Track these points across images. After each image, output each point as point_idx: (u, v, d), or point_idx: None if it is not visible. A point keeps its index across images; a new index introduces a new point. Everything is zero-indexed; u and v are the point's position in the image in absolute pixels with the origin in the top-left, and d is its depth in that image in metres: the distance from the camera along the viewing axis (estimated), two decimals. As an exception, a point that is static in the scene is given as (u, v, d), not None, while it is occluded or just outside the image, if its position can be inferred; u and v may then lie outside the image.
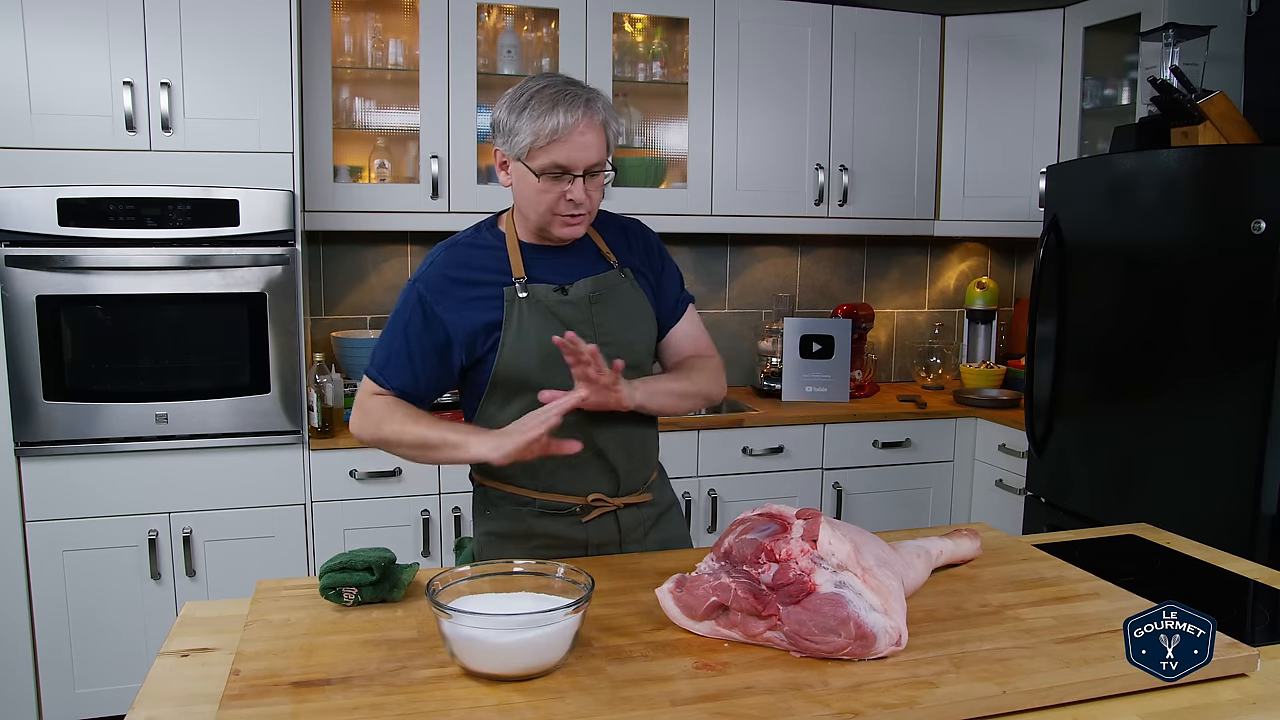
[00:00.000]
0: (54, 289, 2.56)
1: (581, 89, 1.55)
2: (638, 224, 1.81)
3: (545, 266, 1.64)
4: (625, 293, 1.69)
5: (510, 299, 1.60)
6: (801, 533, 1.28)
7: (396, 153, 3.23)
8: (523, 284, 1.61)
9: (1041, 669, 1.17)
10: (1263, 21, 2.92)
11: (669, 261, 1.80)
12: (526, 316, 1.60)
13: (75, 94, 2.55)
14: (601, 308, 1.65)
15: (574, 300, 1.63)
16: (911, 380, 3.99)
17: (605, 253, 1.71)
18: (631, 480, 1.70)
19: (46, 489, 2.62)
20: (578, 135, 1.52)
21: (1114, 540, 1.85)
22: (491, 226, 1.70)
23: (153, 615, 2.72)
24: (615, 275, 1.69)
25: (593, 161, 1.55)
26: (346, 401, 3.02)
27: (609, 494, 1.68)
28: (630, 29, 3.39)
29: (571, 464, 1.62)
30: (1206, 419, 2.41)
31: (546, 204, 1.56)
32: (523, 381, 1.60)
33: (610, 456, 1.65)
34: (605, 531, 1.69)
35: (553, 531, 1.68)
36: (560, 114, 1.51)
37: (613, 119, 1.58)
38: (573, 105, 1.52)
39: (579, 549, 1.68)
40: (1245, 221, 2.28)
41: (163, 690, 1.18)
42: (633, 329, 1.68)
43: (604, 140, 1.56)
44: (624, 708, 1.07)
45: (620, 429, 1.65)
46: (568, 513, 1.67)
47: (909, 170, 3.58)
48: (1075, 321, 2.83)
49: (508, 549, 1.69)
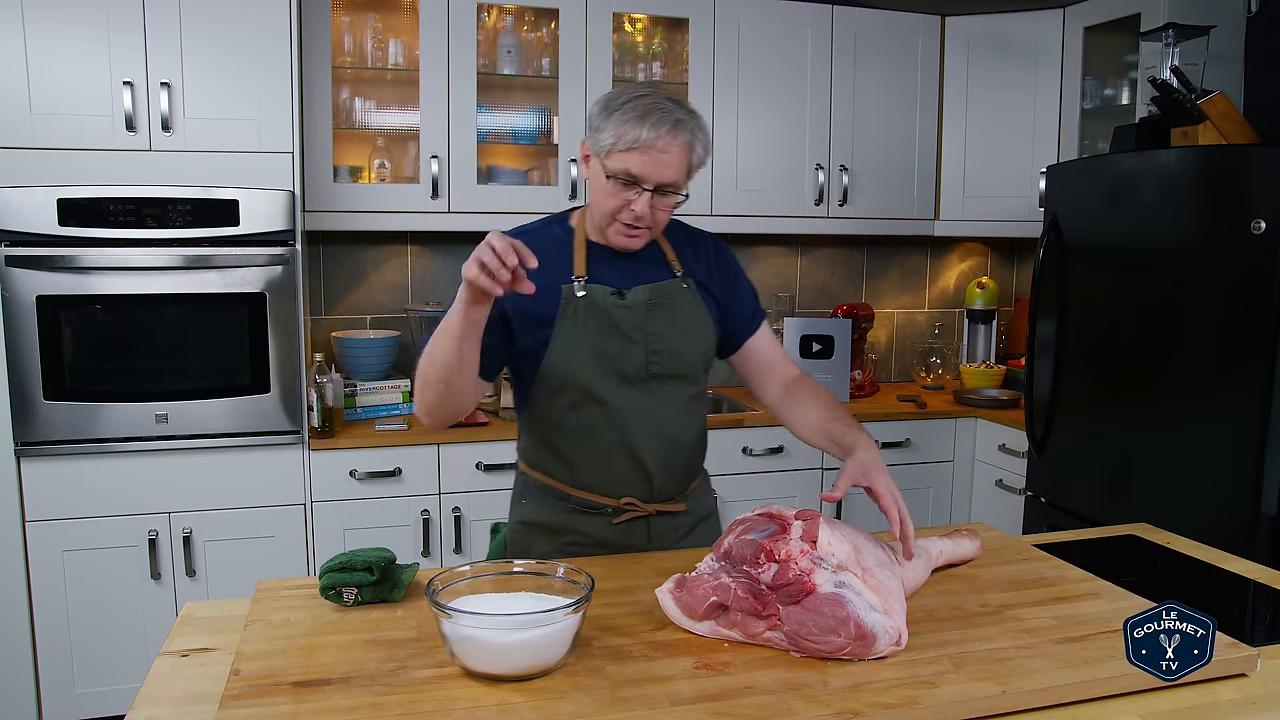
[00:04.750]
0: (54, 289, 2.56)
1: (679, 109, 1.52)
2: (710, 237, 1.78)
3: (607, 268, 1.63)
4: (684, 303, 1.66)
5: (567, 297, 1.59)
6: (801, 533, 1.28)
7: (396, 153, 3.23)
8: (581, 283, 1.60)
9: (1041, 669, 1.17)
10: (1263, 21, 2.92)
11: (742, 275, 1.77)
12: (581, 317, 1.59)
13: (75, 94, 2.55)
14: (657, 315, 1.63)
15: (630, 305, 1.61)
16: (911, 380, 3.99)
17: (671, 260, 1.69)
18: (667, 488, 1.69)
19: (46, 489, 2.62)
20: (657, 151, 1.49)
21: (1114, 540, 1.85)
22: (562, 221, 1.69)
23: (153, 615, 2.72)
24: (676, 284, 1.66)
25: (666, 180, 1.52)
26: (347, 401, 3.03)
27: (642, 499, 1.67)
28: (630, 29, 3.39)
29: (607, 466, 1.63)
30: (1206, 419, 2.41)
31: (610, 208, 1.56)
32: (571, 379, 1.60)
33: (647, 463, 1.64)
34: (635, 535, 1.69)
35: (583, 529, 1.68)
36: (646, 126, 1.49)
37: (700, 145, 1.55)
38: (661, 120, 1.49)
39: (607, 549, 1.68)
40: (1245, 221, 2.28)
41: (163, 690, 1.18)
42: (687, 340, 1.65)
43: (684, 163, 1.53)
44: (624, 708, 1.07)
45: (662, 438, 1.65)
46: (599, 512, 1.67)
47: (909, 170, 3.58)
48: (1075, 321, 2.83)
49: (538, 541, 1.70)
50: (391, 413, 3.09)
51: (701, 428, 1.75)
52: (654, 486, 1.67)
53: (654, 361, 1.62)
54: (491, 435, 2.93)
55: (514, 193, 3.19)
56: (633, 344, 1.61)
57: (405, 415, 3.09)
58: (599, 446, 1.63)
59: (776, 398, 1.74)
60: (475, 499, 2.91)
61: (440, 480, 2.91)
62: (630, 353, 1.61)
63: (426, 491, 2.90)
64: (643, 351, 1.61)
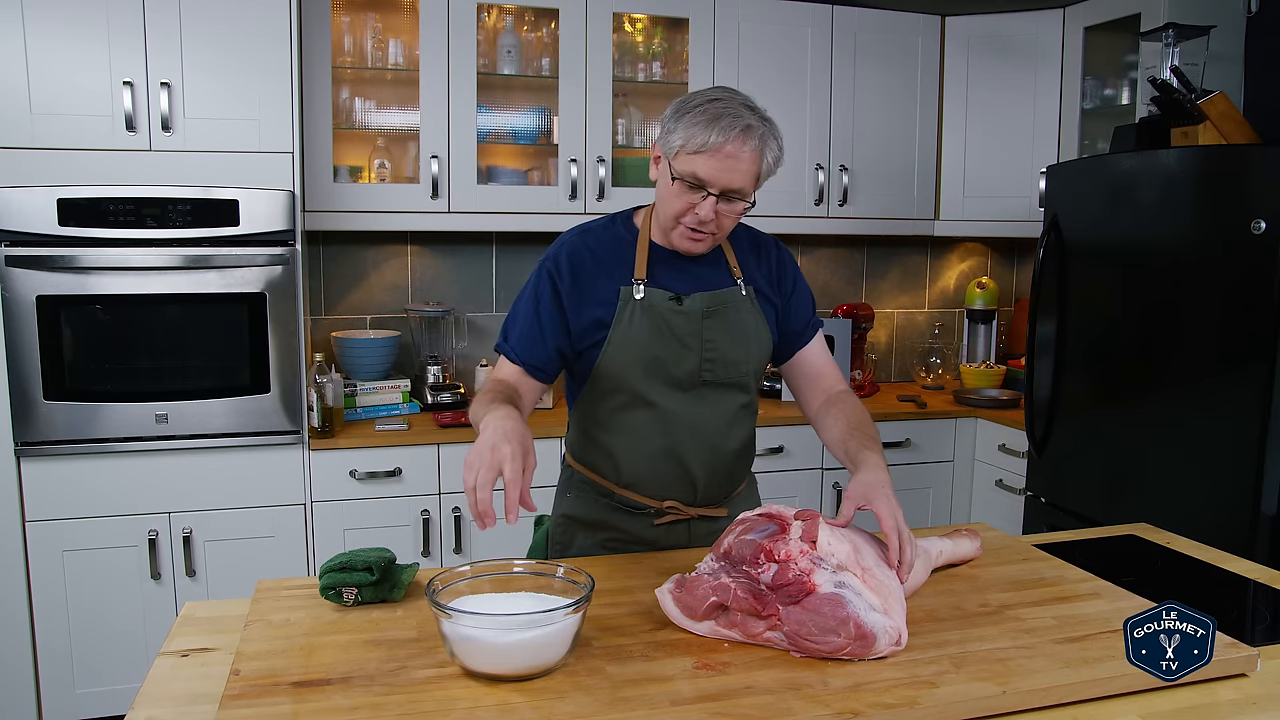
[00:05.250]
0: (54, 289, 2.56)
1: (751, 115, 1.50)
2: (772, 242, 1.76)
3: (668, 271, 1.62)
4: (742, 311, 1.65)
5: (625, 299, 1.59)
6: (801, 533, 1.28)
7: (396, 153, 3.23)
8: (641, 286, 1.59)
9: (1041, 669, 1.17)
10: (1263, 21, 2.92)
11: (800, 283, 1.75)
12: (637, 319, 1.58)
13: (75, 94, 2.55)
14: (713, 322, 1.62)
15: (687, 311, 1.60)
16: (911, 380, 3.99)
17: (732, 266, 1.67)
18: (710, 493, 1.69)
19: (46, 489, 2.62)
20: (724, 156, 1.48)
21: (1114, 540, 1.85)
22: (627, 220, 1.69)
23: (153, 615, 2.72)
24: (735, 292, 1.65)
25: (733, 186, 1.50)
26: (347, 401, 3.03)
27: (685, 503, 1.67)
28: (630, 29, 3.39)
29: (652, 468, 1.63)
30: (1206, 419, 2.41)
31: (675, 210, 1.54)
32: (623, 381, 1.60)
33: (692, 469, 1.64)
34: (676, 536, 1.69)
35: (624, 527, 1.68)
36: (716, 130, 1.47)
37: (771, 152, 1.53)
38: (731, 125, 1.47)
39: (647, 546, 1.68)
40: (1245, 221, 2.28)
41: (163, 690, 1.18)
42: (742, 349, 1.64)
43: (754, 170, 1.51)
44: (624, 708, 1.07)
45: (709, 446, 1.64)
46: (642, 512, 1.67)
47: (909, 170, 3.58)
48: (1075, 321, 2.83)
49: (579, 536, 1.71)
50: (391, 413, 3.09)
51: (749, 435, 1.73)
52: (698, 491, 1.66)
53: (707, 369, 1.61)
54: (491, 435, 2.92)
55: (514, 193, 3.19)
56: (687, 350, 1.60)
57: (405, 415, 3.09)
58: (645, 449, 1.63)
59: (816, 409, 1.72)
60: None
61: (440, 480, 2.91)
62: (684, 359, 1.60)
63: (426, 491, 2.90)
64: (696, 358, 1.61)
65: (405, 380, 3.15)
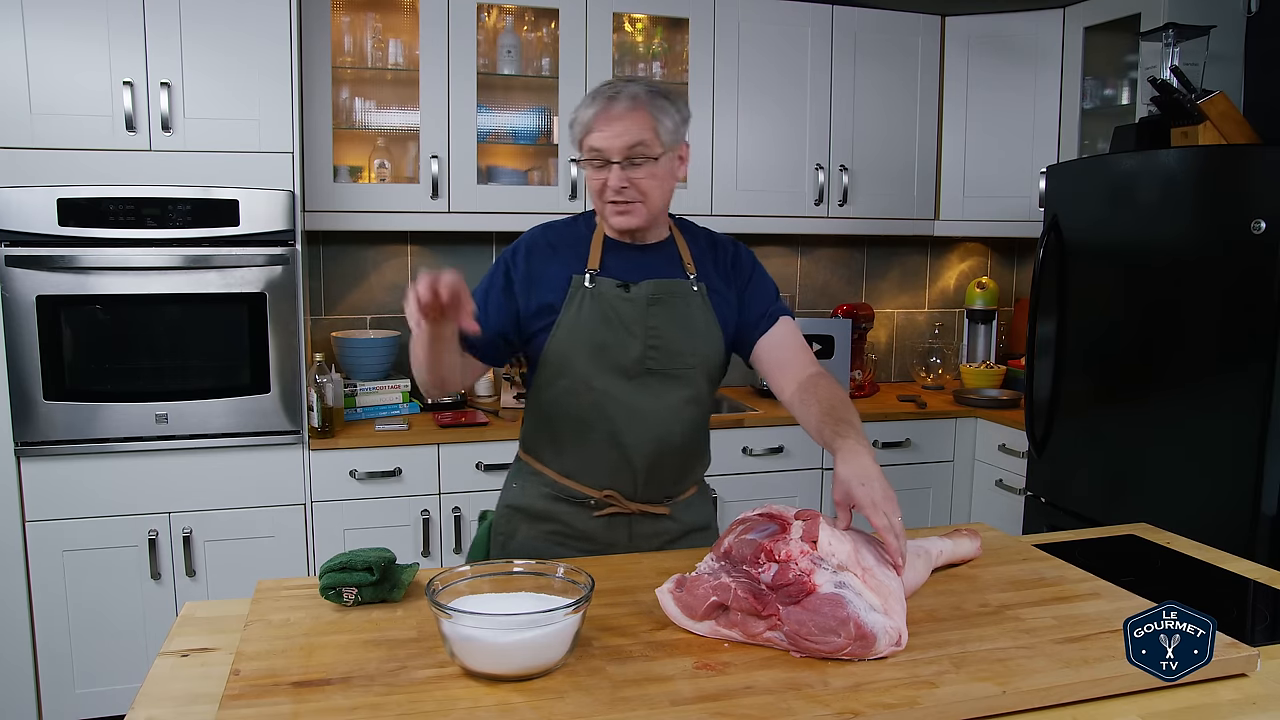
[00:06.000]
0: (54, 289, 2.56)
1: (626, 82, 1.57)
2: (731, 243, 1.77)
3: (621, 263, 1.66)
4: (691, 304, 1.66)
5: (576, 286, 1.63)
6: (801, 533, 1.28)
7: (396, 153, 3.23)
8: (592, 275, 1.63)
9: (1041, 669, 1.17)
10: (1263, 22, 2.92)
11: (759, 275, 1.75)
12: (586, 306, 1.62)
13: (75, 94, 2.55)
14: (659, 310, 1.63)
15: (633, 298, 1.63)
16: (911, 380, 3.99)
17: (686, 262, 1.69)
18: (652, 489, 1.69)
19: (46, 489, 2.62)
20: (605, 121, 1.54)
21: (1114, 540, 1.85)
22: (589, 217, 1.73)
23: (153, 615, 2.72)
24: (685, 284, 1.67)
25: (627, 146, 1.54)
26: (347, 401, 3.03)
27: (625, 495, 1.68)
28: (630, 29, 3.39)
29: (594, 456, 1.65)
30: (1206, 418, 2.41)
31: (594, 190, 1.60)
32: (568, 366, 1.63)
33: (632, 458, 1.65)
34: (615, 532, 1.70)
35: (565, 519, 1.69)
36: (596, 103, 1.55)
37: (657, 102, 1.56)
38: (601, 93, 1.55)
39: (587, 541, 1.69)
40: (1245, 221, 2.28)
41: (163, 690, 1.18)
42: (687, 340, 1.65)
43: (643, 124, 1.55)
44: (624, 708, 1.07)
45: (651, 436, 1.64)
46: (582, 503, 1.68)
47: (909, 170, 3.58)
48: (1075, 321, 2.83)
49: (522, 527, 1.72)
50: (391, 413, 3.09)
51: (697, 435, 1.72)
52: (637, 483, 1.67)
53: (651, 356, 1.63)
54: (491, 435, 2.93)
55: (514, 193, 3.18)
56: (632, 337, 1.62)
57: (405, 415, 3.09)
58: (588, 435, 1.65)
59: (789, 398, 1.66)
60: (475, 499, 2.91)
61: (440, 480, 2.91)
62: (629, 346, 1.62)
63: (426, 491, 2.90)
64: (641, 345, 1.62)
65: (405, 380, 3.15)
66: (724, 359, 1.72)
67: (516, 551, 1.71)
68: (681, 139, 1.63)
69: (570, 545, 1.70)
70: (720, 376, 1.74)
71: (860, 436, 1.42)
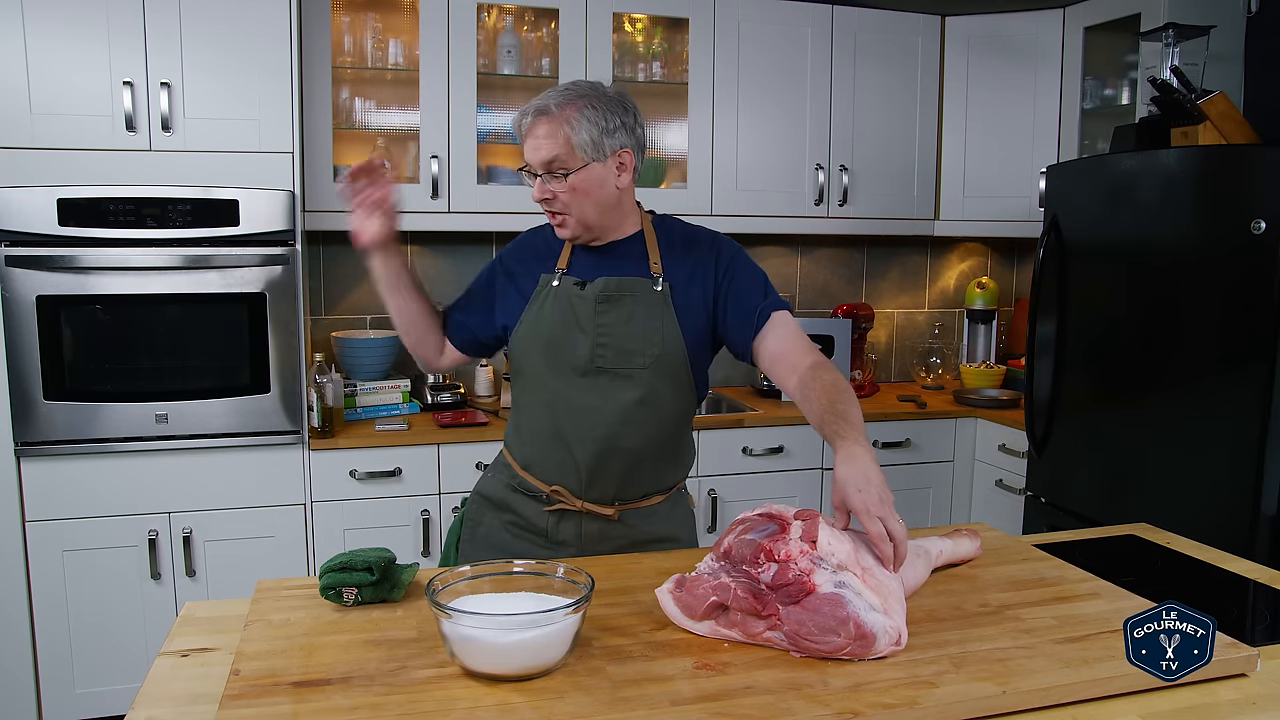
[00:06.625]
0: (54, 289, 2.56)
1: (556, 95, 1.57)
2: (710, 238, 1.70)
3: (587, 263, 1.68)
4: (646, 303, 1.63)
5: (543, 285, 1.69)
6: (801, 533, 1.28)
7: (396, 153, 3.23)
8: (560, 275, 1.68)
9: (1041, 669, 1.17)
10: (1263, 21, 2.92)
11: (740, 274, 1.66)
12: (548, 304, 1.66)
13: (75, 94, 2.55)
14: (609, 308, 1.63)
15: (586, 296, 1.64)
16: (911, 380, 3.99)
17: (652, 261, 1.66)
18: (598, 489, 1.66)
19: (46, 489, 2.62)
20: (528, 138, 1.58)
21: (1114, 540, 1.85)
22: None
23: (153, 615, 2.72)
24: (645, 284, 1.64)
25: (543, 160, 1.56)
26: (347, 401, 3.03)
27: (571, 492, 1.68)
28: (630, 29, 3.39)
29: (546, 450, 1.68)
30: (1206, 419, 2.41)
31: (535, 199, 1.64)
32: (524, 361, 1.69)
33: (576, 456, 1.65)
34: (565, 530, 1.71)
35: (521, 510, 1.73)
36: (525, 115, 1.59)
37: (575, 121, 1.54)
38: (525, 111, 1.59)
39: (541, 537, 1.72)
40: (1245, 221, 2.28)
41: (163, 690, 1.18)
42: (636, 338, 1.62)
43: (558, 138, 1.54)
44: (624, 708, 1.07)
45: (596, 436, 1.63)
46: (534, 496, 1.71)
47: (909, 170, 3.58)
48: (1075, 321, 2.83)
49: (487, 515, 1.78)
50: (391, 413, 3.09)
51: (651, 440, 1.66)
52: (583, 482, 1.67)
53: (599, 354, 1.63)
54: (491, 435, 2.93)
55: (514, 192, 3.18)
56: (583, 334, 1.64)
57: (405, 415, 3.09)
58: (541, 430, 1.69)
59: (792, 390, 1.58)
60: (475, 499, 2.91)
61: (440, 480, 2.91)
62: (579, 343, 1.64)
63: (426, 491, 2.90)
64: (590, 343, 1.63)
65: (405, 380, 3.15)
66: (689, 361, 1.65)
67: (483, 540, 1.76)
68: (615, 147, 1.57)
69: (525, 538, 1.73)
70: (690, 379, 1.67)
71: (860, 434, 1.38)
